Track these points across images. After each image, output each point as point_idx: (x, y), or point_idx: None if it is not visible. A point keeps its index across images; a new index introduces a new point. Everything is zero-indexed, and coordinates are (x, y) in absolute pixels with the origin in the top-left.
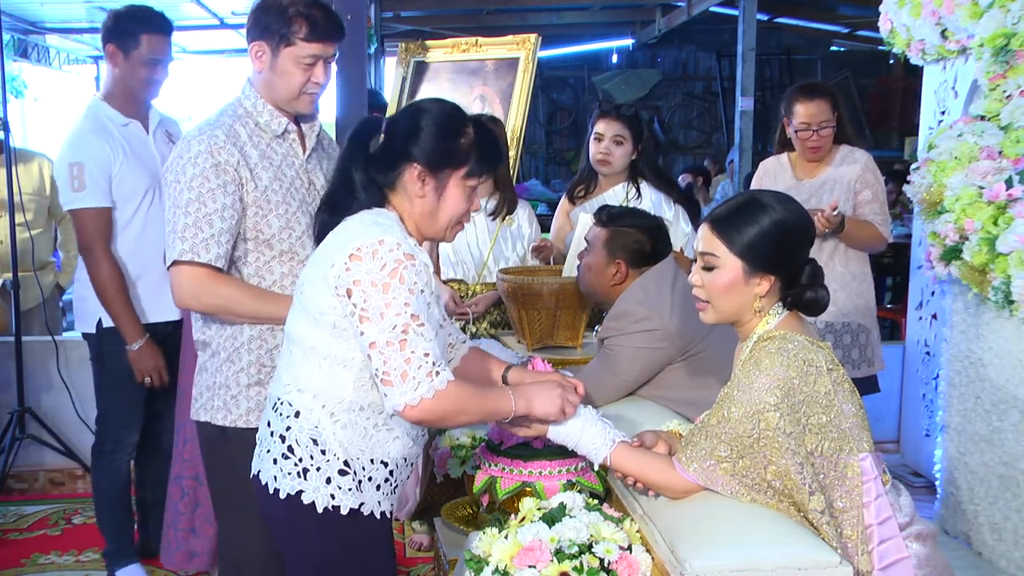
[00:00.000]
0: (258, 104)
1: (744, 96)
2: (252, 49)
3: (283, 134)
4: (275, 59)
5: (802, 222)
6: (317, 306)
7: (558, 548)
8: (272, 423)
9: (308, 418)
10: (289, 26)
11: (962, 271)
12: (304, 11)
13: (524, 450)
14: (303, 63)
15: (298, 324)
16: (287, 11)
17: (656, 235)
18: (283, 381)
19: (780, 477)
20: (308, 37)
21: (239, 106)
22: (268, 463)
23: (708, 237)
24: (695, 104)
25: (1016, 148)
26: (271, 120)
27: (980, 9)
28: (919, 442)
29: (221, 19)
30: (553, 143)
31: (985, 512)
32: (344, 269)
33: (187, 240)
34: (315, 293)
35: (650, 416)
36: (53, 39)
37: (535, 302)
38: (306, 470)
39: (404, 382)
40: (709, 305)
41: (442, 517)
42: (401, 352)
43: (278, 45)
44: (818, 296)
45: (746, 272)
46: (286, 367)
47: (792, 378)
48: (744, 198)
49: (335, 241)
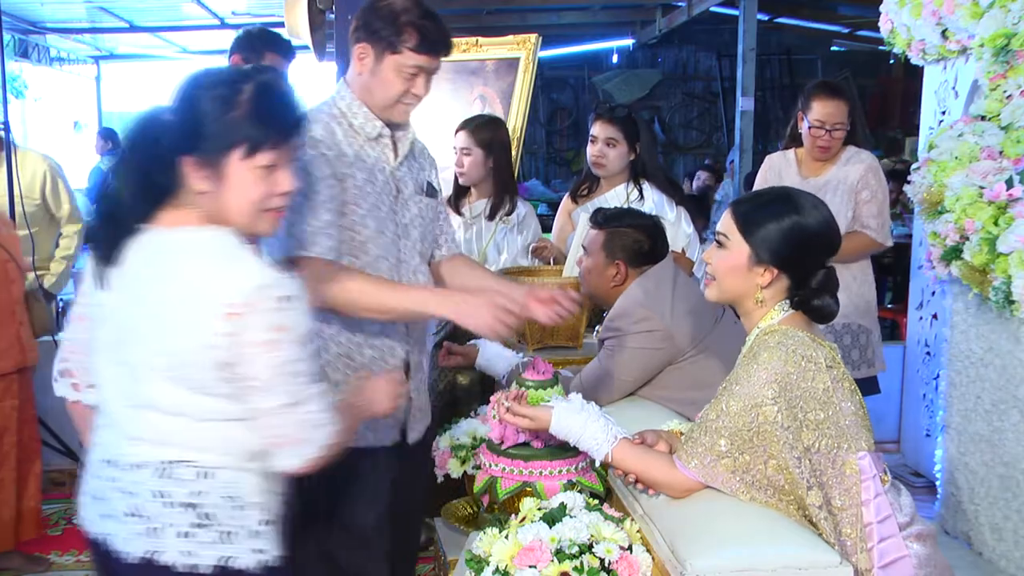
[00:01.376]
0: (353, 105)
1: (744, 96)
2: (355, 50)
3: (377, 138)
4: (378, 64)
5: (825, 230)
6: (175, 368)
7: (558, 548)
8: (165, 493)
9: (219, 476)
10: (399, 34)
11: (962, 271)
12: (417, 21)
13: (524, 450)
14: (406, 73)
15: (145, 386)
16: (399, 19)
17: (653, 234)
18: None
19: (780, 471)
20: (416, 48)
21: (333, 106)
22: (170, 540)
23: (727, 218)
24: (695, 104)
25: (1016, 148)
26: (365, 123)
27: (980, 9)
28: (919, 442)
29: (222, 19)
30: (553, 143)
31: (985, 512)
32: (222, 337)
33: (293, 236)
34: (166, 351)
35: (651, 416)
36: (53, 39)
37: None
38: (229, 533)
39: (295, 447)
40: (714, 281)
41: (442, 517)
42: (293, 416)
43: (383, 51)
44: (825, 304)
45: (751, 260)
46: (146, 427)
47: (790, 373)
48: (777, 192)
49: (183, 289)
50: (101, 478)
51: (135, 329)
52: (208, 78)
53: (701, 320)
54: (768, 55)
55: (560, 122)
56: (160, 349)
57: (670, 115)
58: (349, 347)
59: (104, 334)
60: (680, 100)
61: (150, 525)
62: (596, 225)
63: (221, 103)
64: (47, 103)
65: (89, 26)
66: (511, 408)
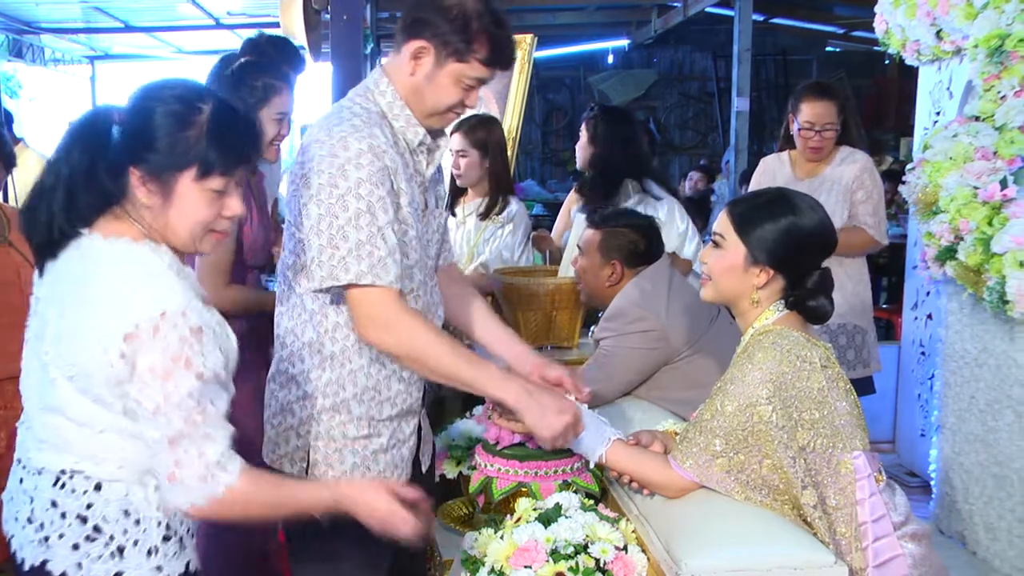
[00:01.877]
0: (395, 106)
1: (740, 96)
2: (410, 47)
3: (417, 147)
4: (437, 69)
5: (821, 231)
6: (78, 378)
7: (554, 548)
8: (59, 503)
9: (114, 489)
10: (469, 42)
11: (957, 271)
12: (492, 30)
13: (520, 450)
14: (465, 83)
15: (56, 390)
16: (471, 24)
17: (649, 233)
18: (60, 449)
19: (775, 471)
20: (486, 60)
21: (372, 102)
22: (62, 551)
23: (723, 218)
24: (691, 104)
25: (1010, 149)
26: (407, 128)
27: (975, 10)
28: (914, 442)
29: (217, 19)
30: (549, 143)
31: (980, 512)
32: (119, 356)
33: (363, 260)
34: (72, 358)
35: (646, 416)
36: (48, 39)
37: (531, 302)
38: (121, 548)
39: (178, 487)
40: (710, 281)
41: (438, 517)
42: (175, 454)
43: (448, 57)
44: (819, 305)
45: (747, 260)
46: (51, 432)
47: (784, 372)
48: (774, 193)
49: (95, 301)
50: (14, 477)
51: (51, 329)
52: (165, 91)
53: (696, 320)
54: (763, 55)
55: (556, 122)
56: (67, 354)
57: (666, 115)
58: (378, 379)
59: (32, 325)
60: (676, 100)
61: (44, 534)
62: (592, 225)
63: (176, 120)
64: (42, 103)
65: (84, 26)
66: (504, 414)
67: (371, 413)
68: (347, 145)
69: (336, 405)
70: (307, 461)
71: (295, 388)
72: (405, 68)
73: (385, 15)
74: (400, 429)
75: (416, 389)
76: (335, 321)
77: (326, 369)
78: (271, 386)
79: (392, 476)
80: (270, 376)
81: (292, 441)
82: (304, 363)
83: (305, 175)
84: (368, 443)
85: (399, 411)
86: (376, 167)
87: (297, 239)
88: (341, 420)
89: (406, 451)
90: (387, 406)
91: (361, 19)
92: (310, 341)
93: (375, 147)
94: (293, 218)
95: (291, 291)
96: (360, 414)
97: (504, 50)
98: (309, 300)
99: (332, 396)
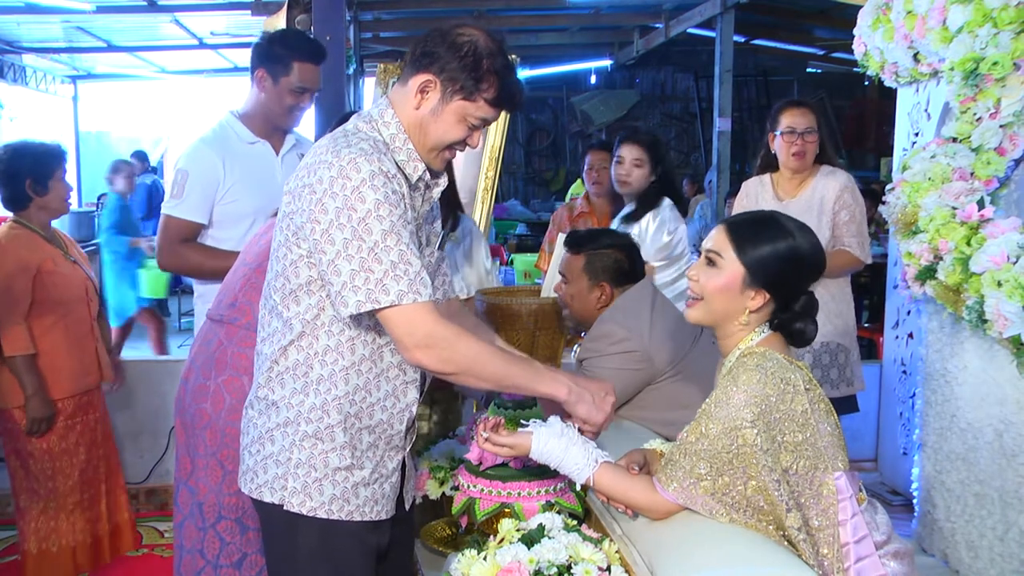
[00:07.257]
0: (398, 138)
1: (722, 117)
2: (417, 79)
3: (416, 182)
4: (443, 104)
5: (814, 256)
6: None
7: (537, 569)
8: None
9: None
10: (478, 81)
11: (937, 291)
12: (502, 71)
13: (503, 471)
14: (470, 121)
15: None
16: (482, 63)
17: (632, 252)
18: None
19: (760, 492)
20: (493, 101)
21: (375, 131)
22: None
23: (720, 237)
24: (673, 125)
25: (987, 169)
26: (407, 162)
27: (950, 34)
28: (896, 460)
29: (200, 39)
30: (532, 163)
31: (962, 530)
32: None
33: (401, 279)
34: None
35: (631, 437)
36: (30, 59)
37: (513, 323)
38: None
39: None
40: (700, 302)
41: (421, 539)
42: None
43: (455, 94)
44: (806, 328)
45: (745, 282)
46: None
47: (769, 395)
48: (766, 215)
49: None
50: None
51: None
52: None
53: (679, 340)
54: (745, 76)
55: (539, 142)
56: None
57: None
58: (361, 407)
59: None
60: (658, 120)
61: None
62: (572, 249)
63: None
64: (23, 123)
65: (66, 46)
66: (490, 438)
67: (354, 442)
68: (359, 167)
69: (319, 432)
70: (286, 490)
71: (275, 414)
72: (411, 101)
73: (368, 35)
74: (383, 464)
75: (399, 421)
76: (326, 344)
77: (310, 394)
78: (249, 413)
79: (372, 512)
80: (248, 403)
81: (271, 470)
82: (285, 388)
83: (319, 199)
84: (350, 475)
85: (383, 442)
86: (390, 188)
87: (304, 263)
88: (323, 449)
89: (388, 487)
90: (366, 434)
91: (344, 39)
92: (294, 364)
93: (386, 171)
94: (290, 239)
95: (274, 315)
96: (344, 442)
97: (513, 93)
98: (298, 323)
99: (316, 422)
